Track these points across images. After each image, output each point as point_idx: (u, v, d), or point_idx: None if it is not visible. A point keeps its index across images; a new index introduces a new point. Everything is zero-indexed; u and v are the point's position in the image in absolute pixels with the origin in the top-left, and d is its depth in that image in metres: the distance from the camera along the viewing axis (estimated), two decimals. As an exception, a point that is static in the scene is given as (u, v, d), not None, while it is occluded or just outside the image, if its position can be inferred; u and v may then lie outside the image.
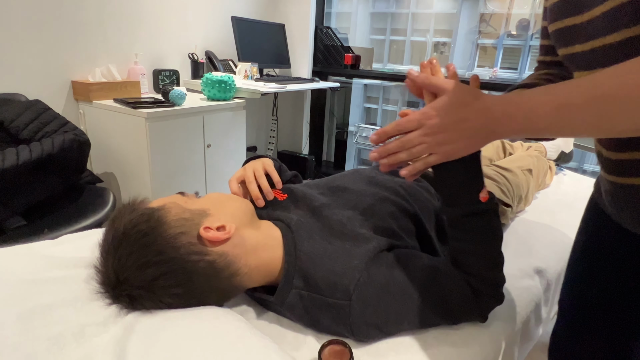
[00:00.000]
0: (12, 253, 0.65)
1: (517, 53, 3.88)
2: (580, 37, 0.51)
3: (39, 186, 1.36)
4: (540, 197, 1.41)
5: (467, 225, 0.65)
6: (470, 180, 0.64)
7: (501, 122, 0.51)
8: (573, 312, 0.71)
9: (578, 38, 0.51)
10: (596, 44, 0.48)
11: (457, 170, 0.62)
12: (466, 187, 0.64)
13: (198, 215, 0.64)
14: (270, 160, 0.85)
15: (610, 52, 0.46)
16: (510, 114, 0.50)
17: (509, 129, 0.51)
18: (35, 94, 1.59)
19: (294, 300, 0.66)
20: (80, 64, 1.76)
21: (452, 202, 0.66)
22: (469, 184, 0.64)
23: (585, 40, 0.50)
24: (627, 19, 0.43)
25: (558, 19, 0.55)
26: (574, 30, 0.52)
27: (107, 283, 0.58)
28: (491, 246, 0.66)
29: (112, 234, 0.59)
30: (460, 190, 0.64)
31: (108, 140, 1.72)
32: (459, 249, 0.68)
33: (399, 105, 4.52)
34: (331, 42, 2.72)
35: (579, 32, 0.51)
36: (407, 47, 4.01)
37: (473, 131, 0.54)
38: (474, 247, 0.66)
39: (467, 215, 0.64)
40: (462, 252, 0.67)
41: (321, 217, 0.73)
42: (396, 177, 0.93)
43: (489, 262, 0.66)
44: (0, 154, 1.24)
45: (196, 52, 2.19)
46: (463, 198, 0.65)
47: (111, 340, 0.49)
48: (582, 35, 0.50)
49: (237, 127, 2.00)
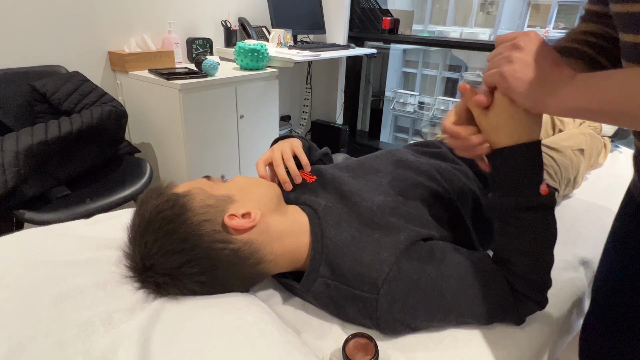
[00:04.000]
0: (48, 233, 0.68)
1: (574, 11, 3.53)
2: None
3: (80, 156, 1.41)
4: (591, 178, 1.30)
5: (521, 220, 0.59)
6: (531, 169, 0.58)
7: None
8: (606, 303, 0.66)
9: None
10: None
11: (517, 156, 0.57)
12: (527, 176, 0.58)
13: (223, 201, 0.62)
14: (298, 141, 0.82)
15: None
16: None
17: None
18: (74, 65, 1.63)
19: (320, 288, 0.64)
20: (116, 34, 1.76)
21: (508, 192, 0.60)
22: (530, 173, 0.58)
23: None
24: None
25: None
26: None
27: (135, 268, 0.58)
28: (543, 246, 0.61)
29: (139, 220, 0.59)
30: (520, 179, 0.59)
31: (144, 111, 1.75)
32: (507, 245, 0.62)
33: (439, 70, 4.29)
34: (369, 4, 2.58)
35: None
36: (451, 6, 3.76)
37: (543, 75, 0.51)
38: (524, 245, 0.60)
39: (522, 209, 0.59)
40: (509, 250, 0.62)
41: (350, 203, 0.70)
42: (432, 159, 0.88)
43: (538, 264, 0.61)
44: (44, 126, 1.28)
45: (229, 19, 2.14)
46: (521, 189, 0.59)
47: (137, 329, 0.50)
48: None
49: (270, 97, 1.96)
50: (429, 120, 4.13)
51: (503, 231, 0.62)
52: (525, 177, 0.59)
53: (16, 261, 0.61)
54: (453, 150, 0.92)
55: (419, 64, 4.30)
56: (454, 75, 4.24)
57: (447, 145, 0.97)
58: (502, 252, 0.63)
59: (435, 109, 4.10)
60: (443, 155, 0.91)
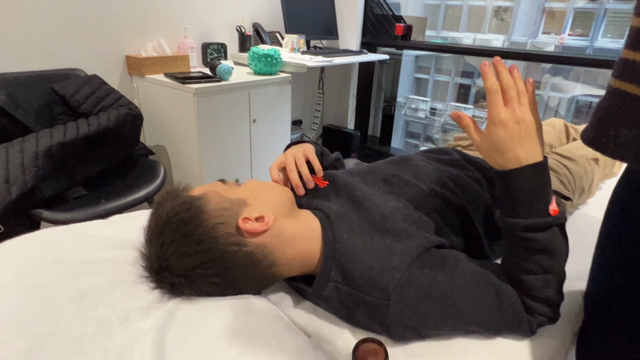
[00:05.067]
0: (67, 232, 0.70)
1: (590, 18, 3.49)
2: None
3: (97, 158, 1.44)
4: (605, 187, 1.28)
5: (531, 242, 0.58)
6: (540, 190, 0.57)
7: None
8: (596, 308, 0.65)
9: None
10: None
11: (523, 177, 0.56)
12: (535, 197, 0.57)
13: (237, 205, 0.64)
14: (311, 146, 0.83)
15: None
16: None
17: None
18: (92, 69, 1.66)
19: (331, 293, 0.65)
20: (133, 38, 1.80)
21: (516, 213, 0.58)
22: (539, 194, 0.57)
23: None
24: None
25: None
26: None
27: (151, 268, 0.60)
28: (555, 265, 0.60)
29: (155, 221, 0.60)
30: (528, 200, 0.57)
31: (160, 114, 1.78)
32: (516, 265, 0.61)
33: (452, 76, 4.28)
34: (382, 10, 2.59)
35: None
36: (464, 12, 3.75)
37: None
38: (535, 266, 0.60)
39: (531, 230, 0.58)
40: (519, 270, 0.61)
41: (362, 208, 0.71)
42: (444, 166, 0.88)
43: (549, 282, 0.60)
44: (63, 127, 1.31)
45: (244, 24, 2.17)
46: (530, 211, 0.57)
47: (152, 328, 0.51)
48: None
49: (283, 102, 1.98)
50: (441, 126, 4.11)
51: (512, 251, 0.62)
52: (534, 198, 0.57)
53: (36, 259, 0.63)
54: (465, 158, 0.93)
55: (432, 69, 4.29)
56: (467, 81, 4.22)
57: (460, 152, 0.97)
58: (511, 270, 0.62)
59: (447, 115, 4.08)
60: (455, 162, 0.91)
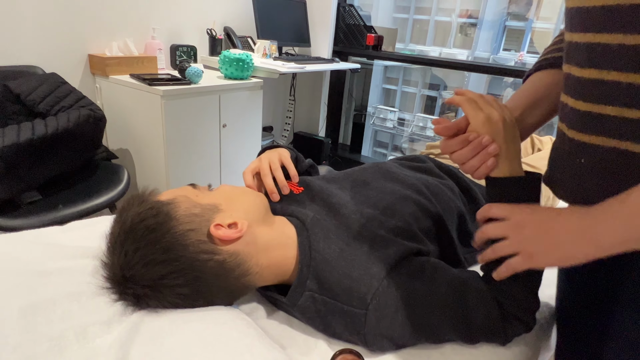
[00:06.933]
0: (20, 239, 0.64)
1: (546, 37, 3.70)
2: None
3: (55, 161, 1.35)
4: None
5: None
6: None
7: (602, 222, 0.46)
8: (567, 324, 0.67)
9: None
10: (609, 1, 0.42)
11: (513, 193, 0.59)
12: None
13: (209, 210, 0.60)
14: (286, 150, 0.81)
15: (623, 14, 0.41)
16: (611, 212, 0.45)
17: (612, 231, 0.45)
18: (51, 67, 1.57)
19: (307, 303, 0.63)
20: (97, 37, 1.72)
21: None
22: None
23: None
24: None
25: None
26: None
27: (113, 279, 0.55)
28: (532, 272, 0.60)
29: (119, 227, 0.56)
30: None
31: (124, 116, 1.70)
32: (495, 267, 0.61)
33: (419, 87, 4.39)
34: (353, 20, 2.62)
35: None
36: (431, 27, 3.86)
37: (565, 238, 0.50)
38: None
39: None
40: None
41: (338, 215, 0.69)
42: (419, 174, 0.88)
43: (527, 285, 0.61)
44: (17, 127, 1.23)
45: (215, 27, 2.13)
46: None
47: (114, 343, 0.47)
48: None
49: (254, 107, 1.95)
50: (408, 136, 4.20)
51: None
52: None
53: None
54: (439, 166, 0.94)
55: (400, 81, 4.39)
56: (433, 93, 4.35)
57: (433, 159, 0.98)
58: (490, 272, 0.61)
59: (414, 125, 4.18)
60: (429, 170, 0.91)
